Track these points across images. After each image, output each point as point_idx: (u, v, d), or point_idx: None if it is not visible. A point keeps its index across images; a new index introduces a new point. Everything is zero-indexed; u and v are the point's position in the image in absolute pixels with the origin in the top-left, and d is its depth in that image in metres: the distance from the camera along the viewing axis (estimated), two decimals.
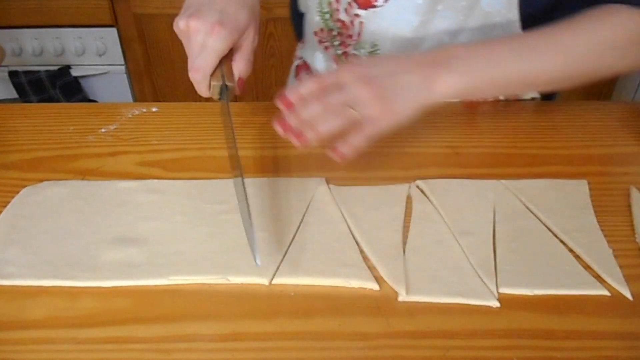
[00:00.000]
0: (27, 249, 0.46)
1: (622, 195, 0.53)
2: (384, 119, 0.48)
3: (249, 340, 0.39)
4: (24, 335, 0.39)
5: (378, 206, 0.51)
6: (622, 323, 0.40)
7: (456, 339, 0.39)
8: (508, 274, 0.44)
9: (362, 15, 0.64)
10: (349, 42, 0.69)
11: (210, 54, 0.50)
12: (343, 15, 0.67)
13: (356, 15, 0.65)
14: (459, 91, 0.51)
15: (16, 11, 1.55)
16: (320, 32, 0.72)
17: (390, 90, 0.49)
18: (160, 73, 1.66)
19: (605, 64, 0.55)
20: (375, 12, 0.63)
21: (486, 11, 0.61)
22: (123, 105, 0.69)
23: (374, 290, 0.43)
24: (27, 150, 0.60)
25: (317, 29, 0.73)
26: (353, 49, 0.69)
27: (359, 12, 0.64)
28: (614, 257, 0.45)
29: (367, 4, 0.63)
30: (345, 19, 0.67)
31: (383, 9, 0.63)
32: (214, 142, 0.61)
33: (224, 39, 0.50)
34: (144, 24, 1.59)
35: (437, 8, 0.62)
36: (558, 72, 0.54)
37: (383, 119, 0.48)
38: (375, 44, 0.67)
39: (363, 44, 0.67)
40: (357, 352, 0.38)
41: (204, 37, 0.50)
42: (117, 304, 0.42)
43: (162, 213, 0.50)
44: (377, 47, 0.67)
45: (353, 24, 0.66)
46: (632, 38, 0.55)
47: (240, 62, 0.55)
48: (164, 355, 0.38)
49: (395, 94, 0.49)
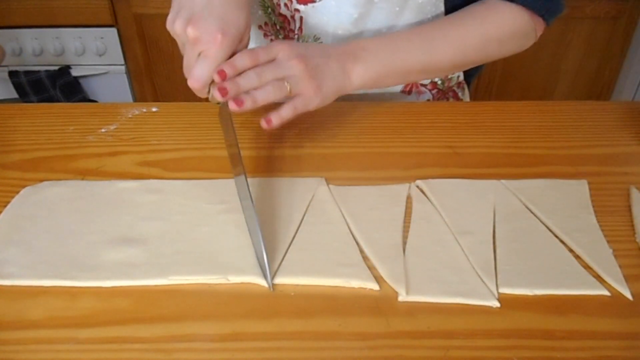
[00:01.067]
0: (27, 249, 0.46)
1: (622, 195, 0.53)
2: (313, 96, 0.53)
3: (249, 340, 0.39)
4: (24, 335, 0.39)
5: (378, 206, 0.51)
6: (622, 323, 0.40)
7: (456, 339, 0.39)
8: (508, 274, 0.44)
9: (301, 10, 0.66)
10: (292, 36, 0.70)
11: (210, 64, 0.49)
12: (284, 9, 0.68)
13: (296, 10, 0.67)
14: (368, 80, 0.57)
15: (16, 11, 1.55)
16: (265, 26, 0.73)
17: (319, 71, 0.53)
18: (160, 73, 1.66)
19: (489, 53, 0.64)
20: (315, 7, 0.65)
21: (419, 2, 0.65)
22: (123, 105, 0.69)
23: (374, 290, 0.43)
24: (27, 150, 0.60)
25: (261, 23, 0.73)
26: None
27: (298, 7, 0.66)
28: (614, 257, 0.45)
29: (306, 0, 0.65)
30: (286, 13, 0.68)
31: (322, 3, 0.65)
32: (214, 142, 0.61)
33: (225, 50, 0.50)
34: (144, 24, 1.59)
35: (374, 0, 0.64)
36: (450, 62, 0.62)
37: (312, 97, 0.53)
38: (317, 38, 0.69)
39: (305, 38, 0.69)
40: (357, 352, 0.38)
41: (205, 47, 0.49)
42: (117, 304, 0.42)
43: (162, 213, 0.50)
44: (319, 40, 0.69)
45: (294, 19, 0.68)
46: (512, 32, 0.63)
47: None
48: (164, 355, 0.38)
49: (323, 75, 0.54)
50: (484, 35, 0.62)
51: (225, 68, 0.49)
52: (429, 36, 0.61)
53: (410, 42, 0.60)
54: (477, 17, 0.62)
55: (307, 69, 0.52)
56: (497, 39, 0.63)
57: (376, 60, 0.58)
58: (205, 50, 0.49)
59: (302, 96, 0.52)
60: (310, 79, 0.52)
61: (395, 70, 0.59)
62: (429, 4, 0.66)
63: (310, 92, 0.52)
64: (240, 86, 0.49)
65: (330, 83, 0.54)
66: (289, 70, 0.52)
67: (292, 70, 0.52)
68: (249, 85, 0.50)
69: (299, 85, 0.52)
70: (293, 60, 0.52)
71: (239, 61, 0.50)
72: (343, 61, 0.56)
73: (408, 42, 0.60)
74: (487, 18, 0.62)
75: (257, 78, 0.50)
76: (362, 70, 0.57)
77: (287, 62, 0.52)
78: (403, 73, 0.61)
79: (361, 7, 0.65)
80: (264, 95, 0.50)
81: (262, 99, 0.50)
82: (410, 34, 0.61)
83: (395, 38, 0.61)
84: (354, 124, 0.65)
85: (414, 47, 0.60)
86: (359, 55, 0.57)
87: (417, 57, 0.60)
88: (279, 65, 0.52)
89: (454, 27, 0.62)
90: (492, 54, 0.64)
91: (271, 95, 0.50)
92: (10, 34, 1.58)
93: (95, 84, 1.68)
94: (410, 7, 0.66)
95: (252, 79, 0.50)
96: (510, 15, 0.62)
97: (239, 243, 0.46)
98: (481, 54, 0.63)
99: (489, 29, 0.62)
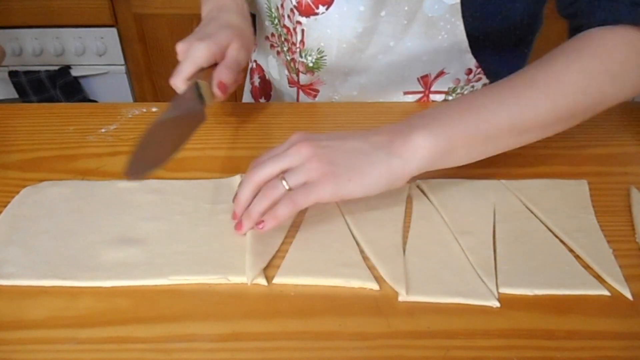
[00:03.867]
0: (27, 249, 0.46)
1: (622, 195, 0.53)
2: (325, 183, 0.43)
3: (249, 340, 0.39)
4: (24, 335, 0.39)
5: (378, 206, 0.51)
6: (622, 323, 0.40)
7: (456, 339, 0.39)
8: (508, 274, 0.44)
9: (303, 22, 0.64)
10: (294, 49, 0.69)
11: (188, 62, 0.56)
12: (287, 21, 0.67)
13: (298, 22, 0.65)
14: (434, 155, 0.45)
15: (16, 11, 1.55)
16: (272, 37, 0.73)
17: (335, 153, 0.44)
18: (160, 73, 1.66)
19: (603, 93, 0.49)
20: (317, 20, 0.63)
21: (429, 16, 0.61)
22: (123, 105, 0.69)
23: (374, 290, 0.43)
24: (27, 150, 0.60)
25: (268, 34, 0.73)
26: (299, 56, 0.69)
27: (300, 19, 0.65)
28: (614, 257, 0.45)
29: (309, 12, 0.63)
30: (289, 25, 0.67)
31: (325, 16, 0.63)
32: (214, 142, 0.61)
33: (200, 50, 0.56)
34: (144, 24, 1.60)
35: (380, 14, 0.61)
36: (548, 112, 0.48)
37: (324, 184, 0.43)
38: (321, 51, 0.67)
39: (309, 51, 0.67)
40: (357, 352, 0.38)
41: (185, 52, 0.56)
42: (117, 304, 0.42)
43: (162, 213, 0.50)
44: (323, 53, 0.67)
45: (295, 31, 0.67)
46: (626, 59, 0.49)
47: (223, 70, 0.57)
48: (164, 355, 0.38)
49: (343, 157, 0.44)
50: (588, 71, 0.48)
51: (236, 209, 0.46)
52: (510, 85, 0.49)
53: (484, 98, 0.48)
54: (574, 51, 0.49)
55: (313, 153, 0.44)
56: (608, 72, 0.48)
57: (443, 126, 0.46)
58: (185, 55, 0.56)
59: (305, 187, 0.43)
60: (316, 163, 0.43)
61: (470, 136, 0.46)
62: (441, 20, 0.61)
63: (319, 179, 0.43)
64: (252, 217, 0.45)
65: (357, 165, 0.44)
66: (291, 160, 0.45)
67: (295, 157, 0.44)
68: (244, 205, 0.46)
69: (298, 176, 0.44)
70: (299, 145, 0.45)
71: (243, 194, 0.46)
72: (386, 140, 0.45)
73: (481, 97, 0.48)
74: (585, 50, 0.49)
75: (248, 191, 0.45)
76: (421, 143, 0.44)
77: (290, 151, 0.45)
78: (482, 139, 0.47)
79: (366, 22, 0.62)
80: (257, 210, 0.44)
81: (256, 215, 0.44)
82: (480, 91, 0.50)
83: (461, 99, 0.49)
84: (354, 124, 0.65)
85: (490, 102, 0.47)
86: (414, 126, 0.45)
87: (500, 114, 0.47)
88: (277, 158, 0.45)
89: (543, 70, 0.49)
90: (606, 95, 0.49)
91: (263, 205, 0.44)
92: (10, 34, 1.58)
93: (95, 84, 1.68)
94: (419, 20, 0.61)
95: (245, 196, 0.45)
96: (618, 40, 0.49)
97: (239, 243, 0.46)
98: (590, 97, 0.48)
99: (592, 61, 0.48)
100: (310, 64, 0.69)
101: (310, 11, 0.63)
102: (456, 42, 0.63)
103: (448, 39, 0.63)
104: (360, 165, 0.44)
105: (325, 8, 0.62)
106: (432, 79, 0.69)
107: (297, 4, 0.63)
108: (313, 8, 0.62)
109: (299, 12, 0.64)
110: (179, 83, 0.56)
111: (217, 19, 0.61)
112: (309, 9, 0.63)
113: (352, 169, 0.44)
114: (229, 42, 0.58)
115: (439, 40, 0.63)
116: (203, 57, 0.56)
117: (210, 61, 0.57)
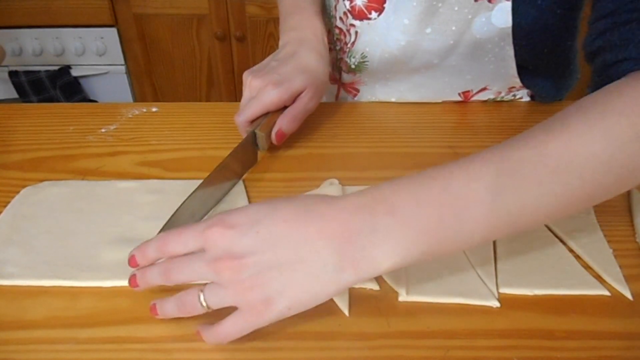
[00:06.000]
0: (27, 249, 0.46)
1: (622, 195, 0.53)
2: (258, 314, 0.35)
3: (249, 340, 0.39)
4: (24, 335, 0.39)
5: None
6: (622, 323, 0.40)
7: (456, 339, 0.39)
8: (508, 274, 0.44)
9: (357, 25, 0.64)
10: (345, 49, 0.69)
11: (256, 105, 0.56)
12: (339, 22, 0.67)
13: (351, 25, 0.65)
14: (396, 267, 0.35)
15: (16, 11, 1.55)
16: (328, 34, 0.72)
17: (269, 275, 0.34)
18: (160, 73, 1.66)
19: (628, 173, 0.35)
20: (370, 25, 0.63)
21: (477, 37, 0.60)
22: (123, 105, 0.69)
23: (374, 290, 0.43)
24: (27, 150, 0.60)
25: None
26: (346, 57, 0.70)
27: (353, 22, 0.65)
28: (614, 257, 0.45)
29: (362, 16, 0.63)
30: (342, 27, 0.67)
31: (376, 22, 0.63)
32: (214, 142, 0.61)
33: (272, 96, 0.56)
34: (144, 24, 1.60)
35: (425, 31, 0.60)
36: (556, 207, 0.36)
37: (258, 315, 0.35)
38: (364, 55, 0.67)
39: (354, 53, 0.68)
40: (357, 352, 0.38)
41: (258, 91, 0.57)
42: (117, 304, 0.42)
43: (162, 213, 0.50)
44: (366, 58, 0.67)
45: (349, 33, 0.67)
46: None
47: (287, 117, 0.57)
48: (164, 355, 0.38)
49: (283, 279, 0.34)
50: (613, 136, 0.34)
51: (135, 253, 0.39)
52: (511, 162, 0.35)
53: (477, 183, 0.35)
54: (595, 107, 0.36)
55: (240, 277, 0.34)
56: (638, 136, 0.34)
57: (414, 235, 0.34)
58: (257, 95, 0.56)
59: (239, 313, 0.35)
60: (248, 290, 0.34)
61: (449, 246, 0.35)
62: (489, 42, 0.59)
63: (249, 310, 0.35)
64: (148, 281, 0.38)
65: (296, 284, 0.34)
66: (208, 276, 0.35)
67: (216, 277, 0.35)
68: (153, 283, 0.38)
69: (223, 295, 0.35)
70: (218, 262, 0.35)
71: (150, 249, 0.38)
72: (335, 250, 0.34)
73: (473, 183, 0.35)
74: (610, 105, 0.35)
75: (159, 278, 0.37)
76: (381, 259, 0.34)
77: (207, 265, 0.35)
78: (464, 245, 0.36)
79: (410, 36, 0.61)
80: (169, 309, 0.38)
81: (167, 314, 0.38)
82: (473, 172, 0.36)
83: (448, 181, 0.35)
84: (354, 124, 0.65)
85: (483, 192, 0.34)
86: (376, 231, 0.34)
87: (494, 212, 0.34)
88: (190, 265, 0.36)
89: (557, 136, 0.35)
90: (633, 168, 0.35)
91: (175, 312, 0.37)
92: (10, 34, 1.58)
93: (95, 84, 1.68)
94: (466, 41, 0.60)
95: (153, 279, 0.38)
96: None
97: None
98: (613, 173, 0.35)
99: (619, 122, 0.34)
100: (353, 65, 0.69)
101: (363, 15, 0.63)
102: (503, 65, 0.63)
103: (495, 61, 0.62)
104: (301, 284, 0.34)
105: (377, 14, 0.62)
106: (474, 94, 0.69)
107: (350, 8, 0.63)
108: (366, 13, 0.62)
109: (352, 15, 0.64)
110: (243, 124, 0.57)
111: (295, 57, 0.60)
112: (362, 13, 0.63)
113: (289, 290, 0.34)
114: (303, 89, 0.58)
115: (485, 61, 0.63)
116: (273, 104, 0.56)
117: (279, 107, 0.57)
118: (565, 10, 0.58)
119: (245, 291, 0.34)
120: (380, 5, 0.61)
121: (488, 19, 0.57)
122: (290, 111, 0.58)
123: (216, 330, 0.36)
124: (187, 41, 1.61)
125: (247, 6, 1.56)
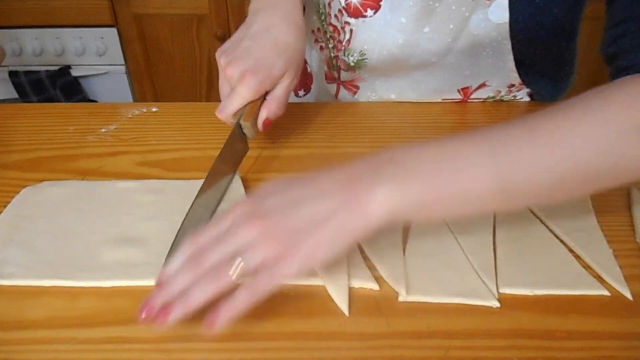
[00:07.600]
0: (27, 249, 0.46)
1: (622, 195, 0.53)
2: (283, 263, 0.37)
3: (249, 340, 0.39)
4: (24, 335, 0.39)
5: None
6: (622, 323, 0.40)
7: (456, 339, 0.39)
8: (508, 274, 0.44)
9: (352, 23, 0.64)
10: (340, 47, 0.69)
11: (236, 99, 0.54)
12: (334, 20, 0.67)
13: (346, 23, 0.65)
14: (400, 209, 0.38)
15: (16, 11, 1.55)
16: (317, 31, 0.72)
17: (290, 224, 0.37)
18: (160, 73, 1.66)
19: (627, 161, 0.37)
20: (365, 22, 0.63)
21: (475, 33, 0.60)
22: (123, 105, 0.69)
23: (374, 290, 0.43)
24: (27, 150, 0.60)
25: (314, 28, 0.73)
26: (342, 55, 0.69)
27: (349, 20, 0.64)
28: (614, 257, 0.45)
29: (357, 14, 0.63)
30: (337, 24, 0.67)
31: (372, 20, 0.62)
32: (214, 142, 0.61)
33: (252, 88, 0.53)
34: (144, 24, 1.60)
35: (423, 30, 0.60)
36: (547, 178, 0.38)
37: (282, 265, 0.37)
38: (363, 53, 0.66)
39: (352, 51, 0.67)
40: (357, 352, 0.38)
41: (235, 83, 0.53)
42: (117, 304, 0.42)
43: (162, 213, 0.50)
44: (365, 56, 0.67)
45: (344, 30, 0.66)
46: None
47: (272, 104, 0.56)
48: (164, 355, 0.38)
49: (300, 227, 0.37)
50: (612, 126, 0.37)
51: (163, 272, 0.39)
52: (506, 133, 0.39)
53: (472, 146, 0.39)
54: (598, 99, 0.39)
55: (264, 230, 0.37)
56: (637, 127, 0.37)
57: (414, 179, 0.38)
58: (235, 87, 0.53)
59: (266, 269, 0.37)
60: (272, 240, 0.37)
61: (445, 195, 0.38)
62: (487, 37, 0.59)
63: (276, 259, 0.37)
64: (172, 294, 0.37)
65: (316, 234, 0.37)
66: (237, 241, 0.38)
67: (243, 238, 0.37)
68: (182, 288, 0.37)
69: (255, 256, 0.37)
70: (245, 224, 0.38)
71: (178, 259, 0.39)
72: (345, 196, 0.38)
73: (468, 145, 0.39)
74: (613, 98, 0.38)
75: (192, 275, 0.37)
76: (382, 199, 0.37)
77: (236, 231, 0.38)
78: (460, 200, 0.39)
79: (407, 34, 0.61)
80: (199, 296, 0.37)
81: (197, 301, 0.36)
82: (470, 137, 0.40)
83: (444, 143, 0.40)
84: (354, 124, 0.65)
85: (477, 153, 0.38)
86: (379, 175, 0.38)
87: (485, 171, 0.38)
88: (224, 241, 0.38)
89: (552, 118, 0.38)
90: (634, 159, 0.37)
91: (209, 290, 0.37)
92: (10, 34, 1.58)
93: (95, 84, 1.68)
94: (463, 37, 0.60)
95: (186, 279, 0.37)
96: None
97: None
98: (610, 159, 0.37)
99: (620, 114, 0.37)
100: (352, 63, 0.69)
101: (358, 13, 0.63)
102: (501, 59, 0.63)
103: (493, 56, 0.62)
104: (320, 233, 0.37)
105: (373, 12, 0.62)
106: (473, 90, 0.69)
107: (345, 5, 0.63)
108: (361, 11, 0.62)
109: (347, 13, 0.64)
110: (226, 119, 0.55)
111: (270, 32, 0.56)
112: (357, 11, 0.62)
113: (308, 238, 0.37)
114: (283, 73, 0.55)
115: (483, 56, 0.63)
116: (254, 96, 0.54)
117: (260, 94, 0.55)
118: (562, 11, 0.58)
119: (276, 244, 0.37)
120: (376, 3, 0.61)
121: (485, 15, 0.58)
122: (273, 98, 0.56)
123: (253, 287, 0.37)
124: (187, 41, 1.61)
125: (247, 6, 1.56)
